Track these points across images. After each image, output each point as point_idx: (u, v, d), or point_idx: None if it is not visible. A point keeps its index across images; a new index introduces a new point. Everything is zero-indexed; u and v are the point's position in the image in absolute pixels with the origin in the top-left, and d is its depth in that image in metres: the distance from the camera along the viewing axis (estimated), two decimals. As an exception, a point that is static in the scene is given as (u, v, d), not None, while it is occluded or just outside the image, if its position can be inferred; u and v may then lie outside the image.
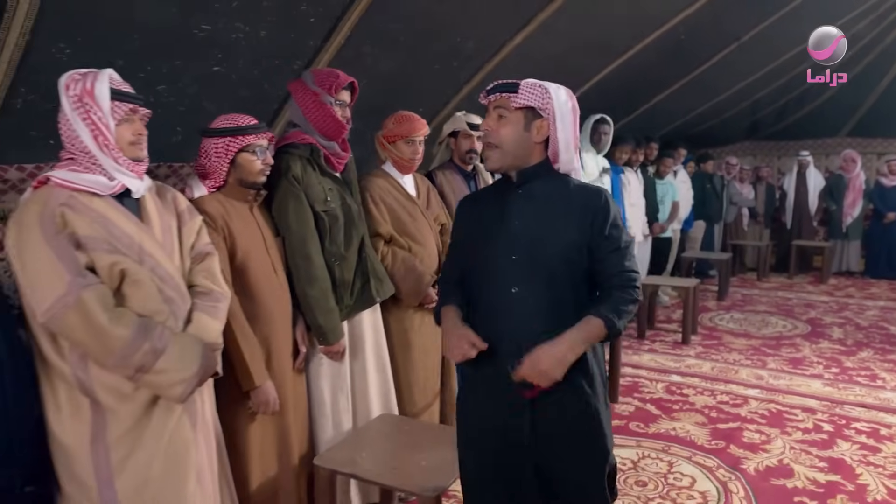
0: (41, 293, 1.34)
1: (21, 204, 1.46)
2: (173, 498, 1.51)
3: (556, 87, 1.51)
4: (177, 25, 2.05)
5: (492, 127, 1.51)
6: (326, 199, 2.07)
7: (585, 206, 1.50)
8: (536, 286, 1.49)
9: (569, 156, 1.52)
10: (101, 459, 1.43)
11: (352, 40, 2.63)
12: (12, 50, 1.73)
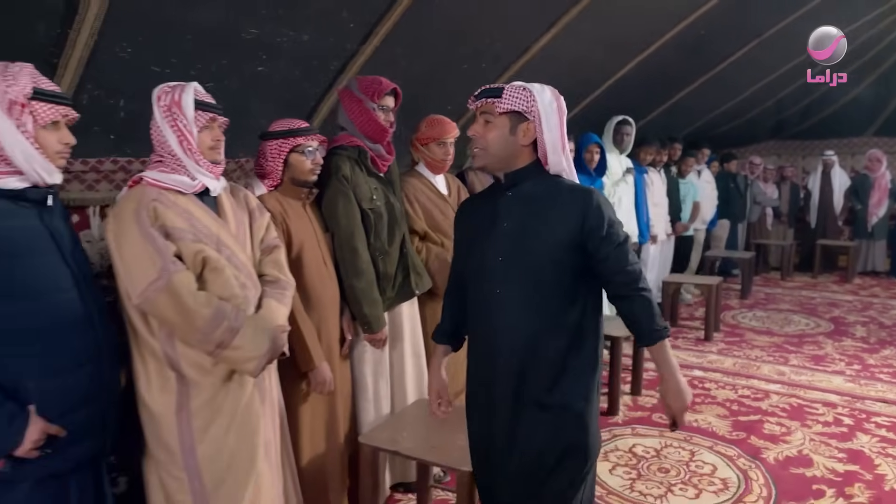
0: (136, 277, 1.52)
1: (118, 200, 1.64)
2: (245, 466, 1.68)
3: (541, 89, 1.52)
4: (227, 28, 2.20)
5: (479, 132, 1.54)
6: (372, 197, 2.24)
7: (575, 206, 1.49)
8: (522, 287, 1.51)
9: (557, 157, 1.53)
10: (185, 427, 1.61)
11: (386, 44, 2.78)
12: (81, 49, 1.89)
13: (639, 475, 2.76)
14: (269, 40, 2.36)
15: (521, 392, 1.53)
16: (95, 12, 1.82)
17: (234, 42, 2.27)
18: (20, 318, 1.34)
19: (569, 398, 1.52)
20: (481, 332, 1.60)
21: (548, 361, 1.52)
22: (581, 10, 3.38)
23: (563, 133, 1.53)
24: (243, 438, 1.68)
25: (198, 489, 1.65)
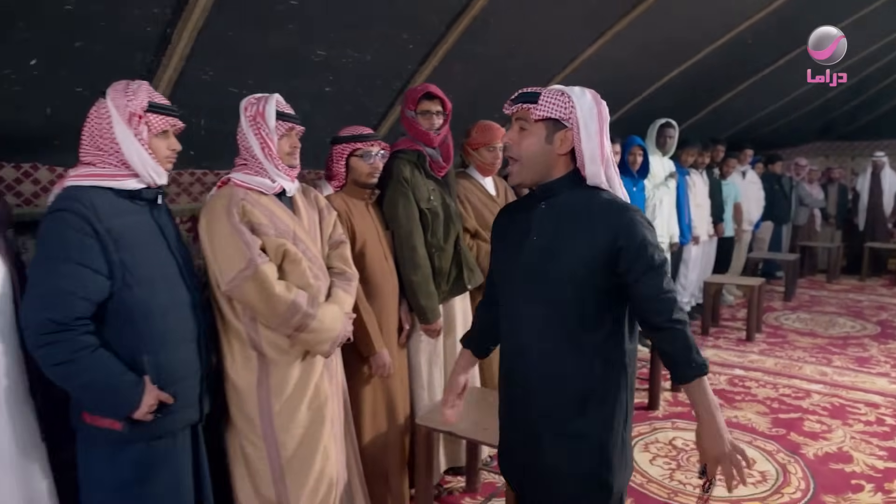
0: (226, 267, 1.73)
1: (209, 198, 1.86)
2: (314, 437, 1.88)
3: (581, 93, 1.42)
4: (298, 52, 2.41)
5: (513, 139, 1.45)
6: (430, 198, 2.42)
7: (607, 222, 1.38)
8: (544, 305, 1.43)
9: (595, 167, 1.41)
10: (264, 401, 1.82)
11: (444, 63, 2.97)
12: (170, 72, 2.14)
13: (678, 465, 2.87)
14: (335, 62, 2.56)
15: (539, 414, 1.47)
16: (185, 42, 2.05)
17: (304, 64, 2.47)
18: (137, 302, 1.56)
19: (587, 428, 1.43)
20: (507, 348, 1.54)
21: (565, 386, 1.43)
22: (629, 21, 3.49)
23: (603, 141, 1.41)
24: (314, 413, 1.88)
25: (273, 456, 1.86)
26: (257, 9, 2.12)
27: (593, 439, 1.43)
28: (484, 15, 2.85)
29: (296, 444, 1.87)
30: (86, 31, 1.81)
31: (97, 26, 1.82)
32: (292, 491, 1.87)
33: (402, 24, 2.62)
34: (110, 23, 1.84)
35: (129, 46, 1.98)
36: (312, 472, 1.90)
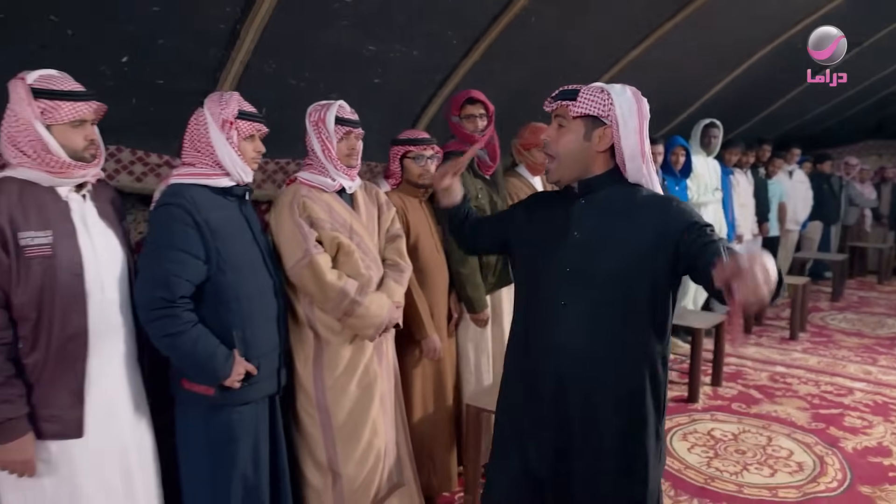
0: (287, 256, 1.97)
1: (279, 195, 2.10)
2: (363, 411, 2.10)
3: (622, 90, 1.42)
4: (351, 47, 2.61)
5: (552, 137, 1.46)
6: (477, 196, 2.60)
7: (653, 215, 1.38)
8: (587, 299, 1.40)
9: (636, 164, 1.42)
10: (318, 375, 2.05)
11: (484, 58, 3.14)
12: (237, 66, 2.36)
13: (716, 454, 2.98)
14: (384, 56, 2.76)
15: (575, 414, 1.43)
16: (251, 38, 2.27)
17: (356, 58, 2.67)
18: (229, 285, 1.78)
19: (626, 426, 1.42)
20: (540, 339, 1.48)
21: (605, 386, 1.41)
22: (674, 24, 3.58)
23: (643, 139, 1.41)
24: (363, 390, 2.10)
25: (326, 424, 2.09)
26: (316, 6, 2.32)
27: (631, 437, 1.42)
28: (525, 14, 3.00)
29: (345, 415, 2.09)
30: (167, 29, 2.05)
31: (177, 25, 2.06)
32: (342, 458, 2.10)
33: (446, 20, 2.79)
34: (188, 22, 2.08)
35: (203, 43, 2.21)
36: (361, 443, 2.11)
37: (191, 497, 1.84)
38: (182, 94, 2.25)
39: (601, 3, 3.28)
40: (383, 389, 2.19)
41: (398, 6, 2.53)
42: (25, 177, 1.51)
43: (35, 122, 1.46)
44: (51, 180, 1.52)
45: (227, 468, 1.82)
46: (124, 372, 1.66)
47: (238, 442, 1.84)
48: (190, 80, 2.28)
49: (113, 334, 1.62)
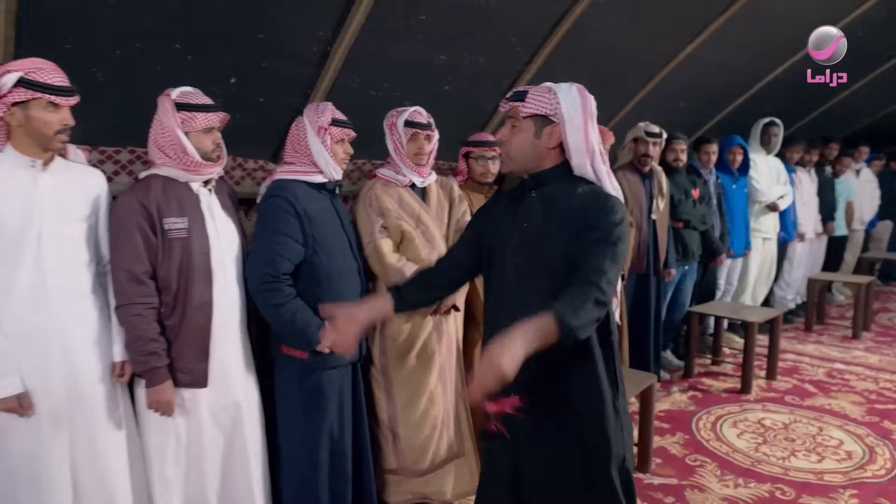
0: (362, 239, 2.30)
1: (362, 188, 2.43)
2: (420, 383, 2.38)
3: (568, 89, 1.50)
4: (424, 57, 2.87)
5: (505, 136, 1.54)
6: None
7: (584, 210, 1.44)
8: (538, 289, 1.46)
9: (580, 159, 1.48)
10: (383, 345, 2.38)
11: (547, 63, 3.35)
12: (327, 83, 2.67)
13: (764, 441, 3.11)
14: (453, 64, 3.01)
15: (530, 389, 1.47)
16: (340, 57, 2.58)
17: (429, 67, 2.93)
18: (321, 265, 2.09)
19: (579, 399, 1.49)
20: (495, 325, 1.48)
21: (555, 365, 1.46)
22: (727, 18, 3.68)
23: (588, 134, 1.48)
24: (421, 363, 2.39)
25: (388, 389, 2.42)
26: (395, 25, 2.60)
27: (586, 410, 1.48)
28: (584, 19, 3.20)
29: (405, 381, 2.40)
30: (269, 54, 2.38)
31: (277, 50, 2.39)
32: (401, 420, 2.41)
33: (510, 29, 3.01)
34: (287, 46, 2.41)
35: (298, 63, 2.53)
36: (417, 410, 2.41)
37: (287, 446, 2.16)
38: (277, 109, 2.60)
39: (655, 3, 3.42)
40: (443, 364, 2.47)
41: (466, 19, 2.79)
42: (166, 174, 1.86)
43: (177, 130, 1.81)
44: (186, 176, 1.87)
45: (317, 422, 2.13)
46: (238, 337, 2.00)
47: (326, 400, 2.14)
48: (285, 97, 2.62)
49: (230, 305, 1.96)
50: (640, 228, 3.56)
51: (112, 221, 1.80)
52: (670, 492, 2.64)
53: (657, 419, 3.31)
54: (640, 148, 3.58)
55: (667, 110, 4.43)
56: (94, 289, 1.77)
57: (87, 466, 1.74)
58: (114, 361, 1.80)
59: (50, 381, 1.68)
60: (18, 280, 1.62)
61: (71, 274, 1.71)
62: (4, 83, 1.58)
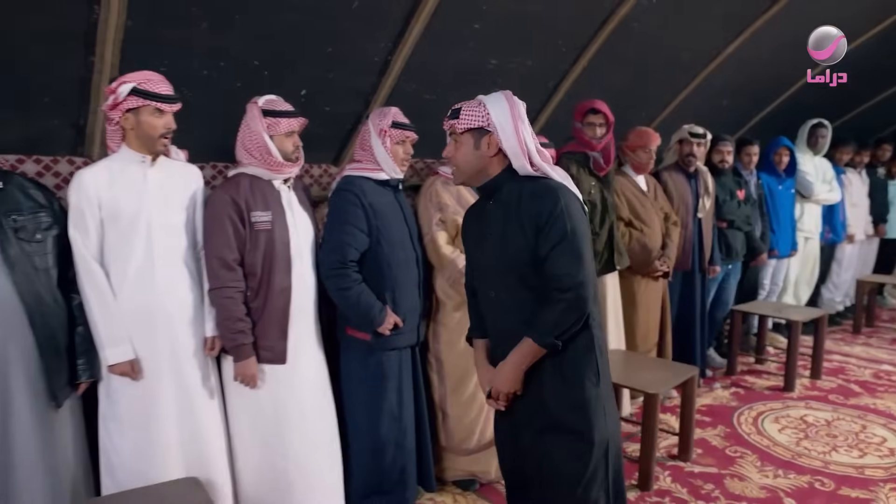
0: (422, 231, 2.49)
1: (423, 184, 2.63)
2: (468, 366, 2.48)
3: (496, 99, 1.60)
4: (476, 62, 3.03)
5: (450, 153, 1.65)
6: (590, 192, 2.98)
7: (532, 209, 1.54)
8: (509, 289, 1.60)
9: (519, 161, 1.57)
10: (436, 330, 2.58)
11: (592, 63, 3.47)
12: (386, 89, 2.86)
13: (806, 436, 3.18)
14: (503, 68, 3.16)
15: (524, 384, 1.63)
16: (399, 65, 2.77)
17: (480, 71, 3.09)
18: (384, 255, 2.28)
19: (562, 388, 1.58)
20: (492, 332, 1.75)
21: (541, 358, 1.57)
22: (769, 18, 3.71)
23: (520, 137, 1.56)
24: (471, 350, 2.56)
25: (440, 371, 2.62)
26: (450, 35, 2.77)
27: (568, 398, 1.58)
28: (628, 20, 3.31)
29: (454, 366, 2.58)
30: (335, 65, 2.59)
31: (343, 61, 2.59)
32: (450, 401, 2.60)
33: (556, 32, 3.15)
34: (352, 57, 2.61)
35: (362, 73, 2.73)
36: (466, 392, 2.59)
37: (353, 422, 2.37)
38: (341, 116, 2.82)
39: (698, 3, 3.48)
40: None
41: (515, 25, 2.94)
42: (252, 173, 2.09)
43: (263, 133, 2.03)
44: (269, 175, 2.09)
45: (379, 399, 2.33)
46: (312, 319, 2.21)
47: (386, 380, 2.34)
48: (348, 105, 2.83)
49: (306, 290, 2.17)
50: (686, 227, 3.65)
51: (206, 214, 2.03)
52: (710, 479, 2.75)
53: (699, 413, 3.41)
54: (684, 148, 3.68)
55: (710, 109, 4.48)
56: (191, 272, 2.01)
57: (186, 425, 1.98)
58: (206, 337, 2.03)
59: (155, 351, 1.92)
60: (132, 263, 1.87)
61: (173, 259, 1.95)
62: (121, 92, 1.83)
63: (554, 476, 1.62)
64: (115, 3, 1.91)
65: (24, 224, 1.75)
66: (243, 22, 2.22)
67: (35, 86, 2.05)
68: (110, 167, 1.88)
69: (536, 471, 1.66)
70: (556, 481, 1.62)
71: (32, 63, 1.98)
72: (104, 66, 2.07)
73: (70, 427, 1.87)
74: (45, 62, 2.00)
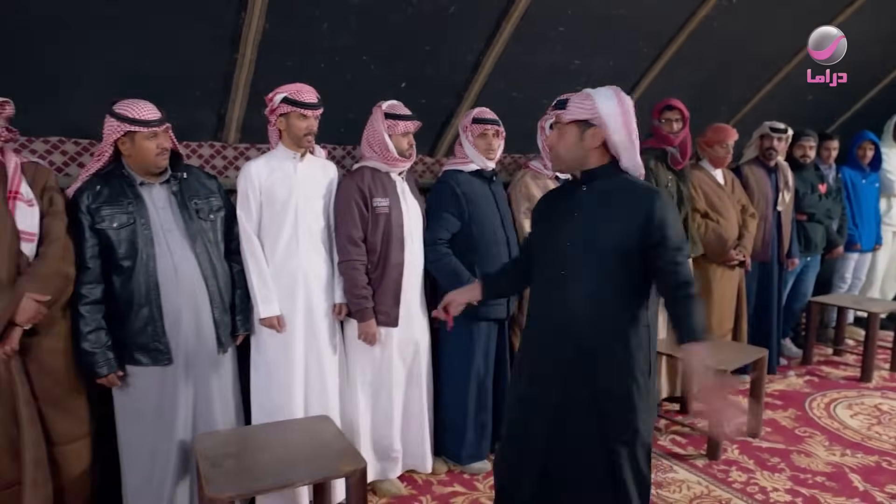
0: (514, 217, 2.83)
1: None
2: None
3: (606, 94, 1.63)
4: (561, 63, 3.28)
5: (553, 141, 1.72)
6: (667, 185, 3.22)
7: (637, 205, 1.60)
8: (585, 270, 1.64)
9: (629, 154, 1.64)
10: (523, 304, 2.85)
11: (671, 62, 3.65)
12: (477, 86, 3.13)
13: (879, 422, 3.29)
14: (587, 68, 3.39)
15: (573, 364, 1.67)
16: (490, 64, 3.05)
17: (565, 71, 3.33)
18: (473, 236, 2.62)
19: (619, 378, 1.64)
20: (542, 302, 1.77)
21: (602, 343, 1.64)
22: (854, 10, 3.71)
23: (632, 135, 1.63)
24: None
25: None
26: (538, 37, 3.05)
27: (623, 388, 1.63)
28: (707, 21, 3.46)
29: None
30: (431, 62, 2.92)
31: (438, 59, 2.91)
32: None
33: (638, 34, 3.35)
34: (447, 56, 2.92)
35: (454, 70, 3.04)
36: None
37: (445, 378, 2.75)
38: (436, 109, 3.17)
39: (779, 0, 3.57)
40: None
41: (599, 27, 3.17)
42: (373, 166, 2.48)
43: (383, 133, 2.42)
44: (386, 168, 2.48)
45: (468, 363, 2.70)
46: (419, 290, 2.60)
47: (476, 346, 2.70)
48: (442, 99, 3.16)
49: (415, 265, 2.55)
50: (765, 219, 3.80)
51: (337, 199, 2.44)
52: (777, 454, 2.95)
53: (771, 396, 3.59)
54: (765, 143, 3.82)
55: (794, 104, 4.53)
56: (326, 248, 2.43)
57: (315, 373, 2.40)
58: (335, 303, 2.45)
59: (294, 311, 2.35)
60: (281, 239, 2.30)
61: (313, 236, 2.37)
62: (276, 100, 2.26)
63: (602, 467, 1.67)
64: (258, 9, 2.33)
65: (201, 206, 2.20)
66: (357, 24, 2.60)
67: (187, 81, 2.46)
68: (269, 161, 2.33)
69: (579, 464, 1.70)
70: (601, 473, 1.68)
71: (186, 62, 2.40)
72: (244, 63, 2.49)
73: (231, 369, 2.32)
74: (198, 61, 2.43)
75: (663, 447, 3.02)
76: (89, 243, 1.99)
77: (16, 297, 1.78)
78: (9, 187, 1.84)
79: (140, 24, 2.21)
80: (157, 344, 2.06)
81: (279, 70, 2.42)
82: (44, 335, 1.90)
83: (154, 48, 2.29)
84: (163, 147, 2.05)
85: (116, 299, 2.04)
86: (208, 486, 1.72)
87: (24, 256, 1.85)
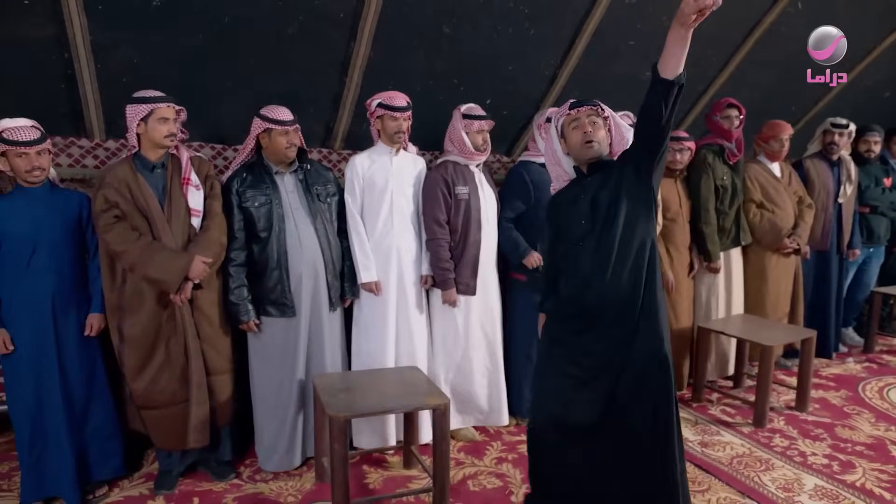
0: None
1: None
2: None
3: None
4: (632, 73, 3.59)
5: (590, 131, 2.03)
6: (723, 178, 3.50)
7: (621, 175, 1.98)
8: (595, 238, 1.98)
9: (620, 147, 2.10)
10: None
11: (738, 68, 3.91)
12: (553, 96, 3.54)
13: (928, 404, 3.44)
14: None
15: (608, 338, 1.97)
16: (565, 76, 3.46)
17: (635, 81, 3.63)
18: (536, 217, 2.98)
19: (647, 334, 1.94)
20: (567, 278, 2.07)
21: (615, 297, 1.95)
22: None
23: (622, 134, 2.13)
24: None
25: None
26: (610, 50, 3.42)
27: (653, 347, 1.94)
28: (775, 26, 3.69)
29: None
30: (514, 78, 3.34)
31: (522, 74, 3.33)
32: None
33: (707, 42, 3.54)
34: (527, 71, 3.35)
35: (533, 85, 3.48)
36: None
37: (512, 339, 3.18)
38: (516, 119, 3.60)
39: (848, 4, 3.73)
40: None
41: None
42: (454, 160, 2.94)
43: (461, 130, 2.87)
44: (465, 161, 2.93)
45: (531, 326, 3.09)
46: (493, 265, 3.05)
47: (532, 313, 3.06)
48: (521, 109, 3.58)
49: (490, 243, 3.00)
50: (826, 211, 3.99)
51: (425, 187, 2.92)
52: (821, 426, 3.19)
53: (825, 379, 3.80)
54: (826, 138, 4.01)
55: (869, 101, 4.63)
56: (415, 228, 2.92)
57: (405, 331, 2.89)
58: (422, 274, 2.93)
59: (388, 279, 2.84)
60: (379, 219, 2.81)
61: (405, 217, 2.87)
62: (373, 105, 2.76)
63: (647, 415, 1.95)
64: (365, 39, 2.85)
65: (320, 191, 2.73)
66: (448, 49, 3.07)
67: (304, 99, 3.00)
68: (371, 155, 2.84)
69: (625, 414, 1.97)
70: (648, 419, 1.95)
71: (305, 83, 2.96)
72: (352, 85, 3.04)
73: (339, 325, 2.85)
74: (315, 83, 2.99)
75: (713, 416, 3.32)
76: (237, 218, 2.56)
77: (189, 258, 2.36)
78: (183, 175, 2.43)
79: (271, 52, 2.77)
80: (285, 300, 2.61)
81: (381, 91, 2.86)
82: (205, 289, 2.48)
83: (279, 72, 2.87)
84: (292, 142, 2.59)
85: (255, 263, 2.60)
86: (328, 408, 2.23)
87: (192, 228, 2.44)
